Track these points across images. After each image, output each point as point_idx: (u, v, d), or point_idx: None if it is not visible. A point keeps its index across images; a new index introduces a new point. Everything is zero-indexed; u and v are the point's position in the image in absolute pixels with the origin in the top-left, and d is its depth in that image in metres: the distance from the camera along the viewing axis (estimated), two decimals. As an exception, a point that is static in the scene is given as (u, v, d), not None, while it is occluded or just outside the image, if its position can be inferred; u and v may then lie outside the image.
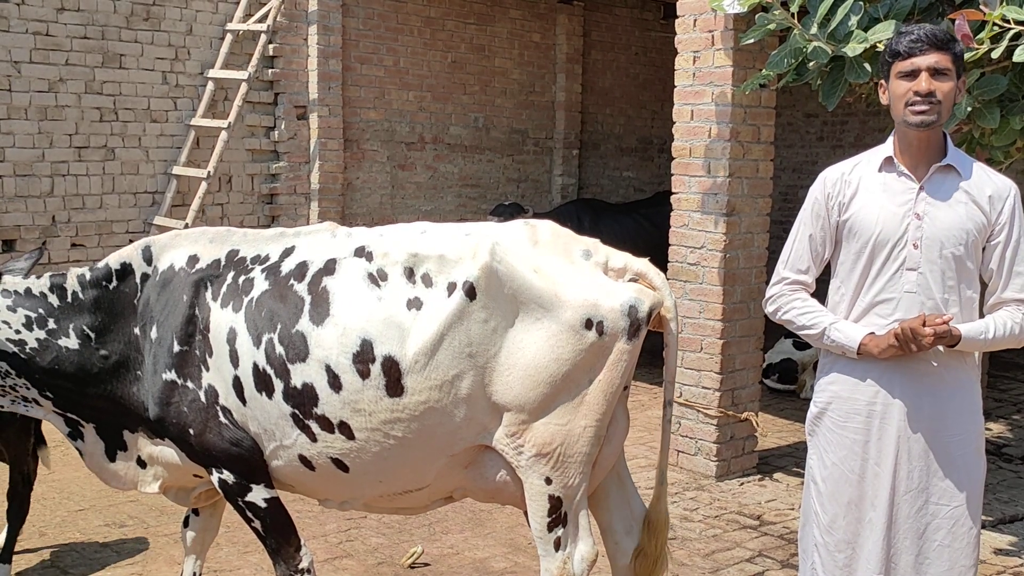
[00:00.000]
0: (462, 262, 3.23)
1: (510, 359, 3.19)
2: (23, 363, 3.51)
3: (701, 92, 5.96)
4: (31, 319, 3.51)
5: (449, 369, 3.19)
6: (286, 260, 3.46)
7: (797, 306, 3.24)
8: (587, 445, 3.27)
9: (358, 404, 3.24)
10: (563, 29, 10.65)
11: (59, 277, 3.58)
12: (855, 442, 3.15)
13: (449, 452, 3.31)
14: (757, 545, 5.19)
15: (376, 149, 9.40)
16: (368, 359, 3.21)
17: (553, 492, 3.27)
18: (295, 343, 3.29)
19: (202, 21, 8.29)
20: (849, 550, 3.18)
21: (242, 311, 3.38)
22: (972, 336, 3.01)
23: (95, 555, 4.90)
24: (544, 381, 3.19)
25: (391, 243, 3.38)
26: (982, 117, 4.31)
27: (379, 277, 3.30)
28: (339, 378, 3.24)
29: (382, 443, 3.28)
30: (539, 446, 3.23)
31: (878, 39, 4.25)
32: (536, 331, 3.19)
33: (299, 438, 3.35)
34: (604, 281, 3.30)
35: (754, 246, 6.12)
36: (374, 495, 3.50)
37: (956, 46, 3.01)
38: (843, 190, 3.16)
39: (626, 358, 3.27)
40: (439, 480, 3.41)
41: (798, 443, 6.93)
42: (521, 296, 3.19)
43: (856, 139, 11.55)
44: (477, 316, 3.17)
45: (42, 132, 7.50)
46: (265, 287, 3.40)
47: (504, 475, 3.35)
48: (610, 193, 11.27)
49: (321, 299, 3.31)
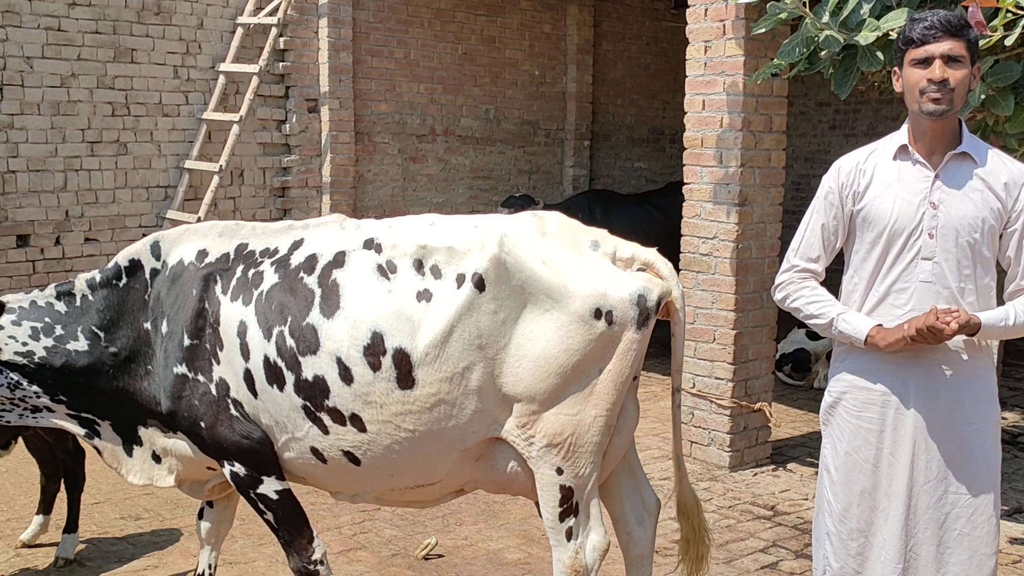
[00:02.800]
0: (471, 254, 3.23)
1: (520, 350, 3.20)
2: (33, 372, 3.57)
3: (712, 82, 5.94)
4: (37, 329, 3.58)
5: (459, 361, 3.19)
6: (295, 253, 3.46)
7: (806, 295, 3.23)
8: (598, 435, 3.28)
9: (369, 396, 3.25)
10: (573, 20, 10.62)
11: (66, 285, 3.65)
12: (870, 431, 3.14)
13: (461, 446, 3.32)
14: (771, 535, 5.18)
15: (387, 142, 9.40)
16: (379, 351, 3.22)
17: (564, 482, 3.28)
18: (306, 336, 3.30)
19: (213, 15, 8.30)
20: (862, 539, 3.17)
21: (252, 304, 3.39)
22: (992, 323, 2.99)
23: (111, 548, 4.93)
24: (554, 372, 3.19)
25: (400, 235, 3.38)
26: (996, 104, 4.28)
27: (388, 269, 3.31)
28: (350, 371, 3.25)
29: (393, 436, 3.28)
30: (550, 436, 3.24)
31: (890, 27, 4.23)
32: (545, 322, 3.19)
33: (311, 430, 3.36)
34: (613, 271, 3.30)
35: (766, 236, 6.10)
36: (385, 488, 3.50)
37: (970, 32, 2.98)
38: (858, 179, 3.14)
39: (635, 347, 3.27)
40: (451, 474, 3.42)
41: (812, 433, 6.92)
42: (530, 287, 3.19)
43: (869, 127, 11.50)
44: (487, 308, 3.18)
45: (55, 127, 7.52)
46: (275, 280, 3.40)
47: (515, 466, 3.36)
48: (622, 184, 11.24)
49: (331, 292, 3.32)
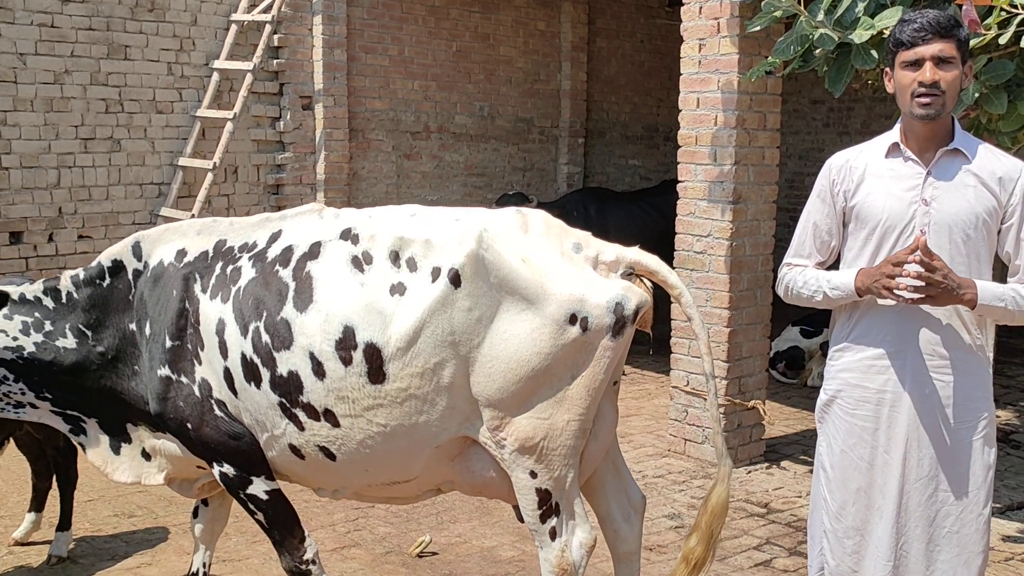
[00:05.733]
0: (448, 248, 3.16)
1: (493, 350, 3.13)
2: (22, 368, 3.55)
3: (707, 80, 5.94)
4: (27, 324, 3.55)
5: (431, 357, 3.14)
6: (272, 246, 3.42)
7: (799, 281, 3.24)
8: (571, 439, 3.22)
9: (342, 391, 3.22)
10: (568, 17, 10.62)
11: (52, 280, 3.62)
12: (864, 429, 3.15)
13: (434, 443, 3.28)
14: (765, 533, 5.19)
15: (381, 139, 9.39)
16: (350, 346, 3.18)
17: (539, 485, 3.24)
18: (280, 331, 3.26)
19: (207, 12, 8.28)
20: (858, 537, 3.17)
21: (230, 301, 3.36)
22: (990, 291, 2.94)
23: (104, 546, 4.92)
24: (525, 375, 3.13)
25: (378, 226, 3.32)
26: (990, 103, 4.29)
27: (364, 261, 3.26)
28: (323, 365, 3.21)
29: (366, 430, 3.25)
30: (521, 440, 3.19)
31: (885, 25, 4.23)
32: (519, 323, 3.13)
33: (287, 427, 3.33)
34: (592, 276, 3.23)
35: (761, 234, 6.10)
36: (362, 484, 3.48)
37: (960, 32, 2.98)
38: (848, 176, 3.15)
39: (610, 355, 3.21)
40: (426, 472, 3.38)
41: (805, 431, 6.93)
42: (506, 286, 3.13)
43: (863, 125, 11.52)
44: (461, 304, 3.12)
45: (48, 124, 7.50)
46: (252, 275, 3.37)
47: (490, 469, 3.33)
48: (616, 181, 11.24)
49: (305, 285, 3.27)
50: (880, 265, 2.99)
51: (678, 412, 6.40)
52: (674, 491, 5.75)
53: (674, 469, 6.14)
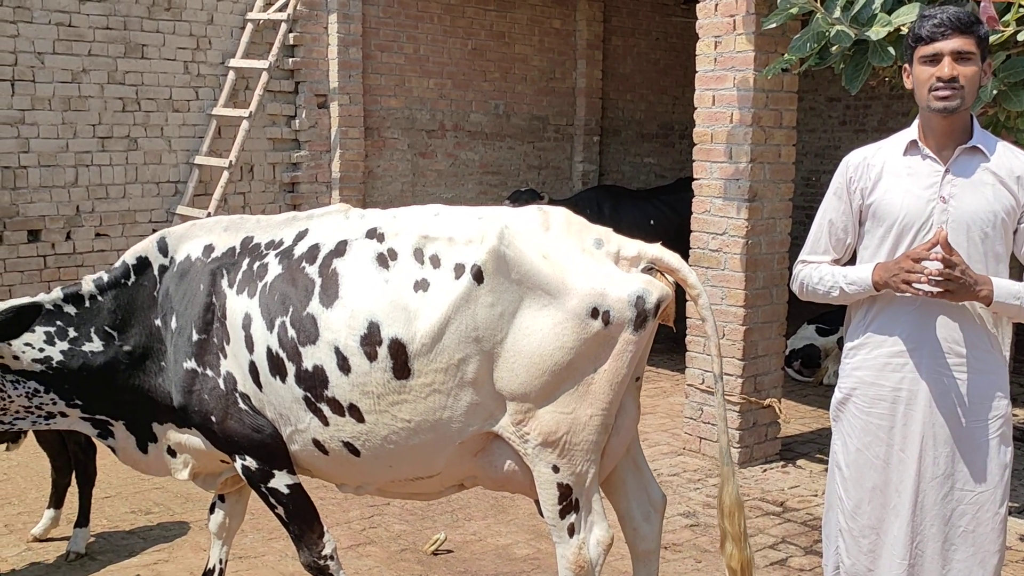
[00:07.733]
0: (471, 245, 3.21)
1: (516, 345, 3.17)
2: (51, 378, 3.55)
3: (723, 77, 5.93)
4: (51, 334, 3.55)
5: (455, 352, 3.18)
6: (299, 243, 3.47)
7: (814, 277, 3.23)
8: (594, 434, 3.25)
9: (367, 386, 3.25)
10: (583, 15, 10.61)
11: (73, 287, 3.62)
12: (880, 428, 3.14)
13: (458, 439, 3.31)
14: (780, 531, 5.18)
15: (396, 137, 9.41)
16: (376, 341, 3.21)
17: (561, 480, 3.26)
18: (305, 326, 3.30)
19: (223, 11, 8.31)
20: (874, 535, 3.16)
21: (256, 296, 3.40)
22: (1006, 289, 2.92)
23: (121, 542, 4.95)
24: (548, 369, 3.17)
25: (403, 225, 3.37)
26: (1008, 100, 4.26)
27: (388, 258, 3.30)
28: (348, 360, 3.25)
29: (390, 426, 3.28)
30: (544, 434, 3.22)
31: (902, 22, 4.21)
32: (541, 318, 3.17)
33: (312, 422, 3.36)
34: (613, 271, 3.27)
35: (776, 232, 6.08)
36: (386, 480, 3.50)
37: (980, 29, 2.97)
38: (866, 174, 3.14)
39: (632, 348, 3.23)
40: (449, 467, 3.41)
41: (821, 429, 6.91)
42: (528, 282, 3.17)
43: (879, 123, 11.47)
44: (484, 300, 3.16)
45: (66, 123, 7.55)
46: (279, 271, 3.41)
47: (512, 464, 3.35)
48: (631, 180, 11.23)
49: (331, 281, 3.32)
50: (899, 259, 2.98)
51: (693, 410, 6.39)
52: (689, 489, 5.74)
53: (689, 467, 6.13)
